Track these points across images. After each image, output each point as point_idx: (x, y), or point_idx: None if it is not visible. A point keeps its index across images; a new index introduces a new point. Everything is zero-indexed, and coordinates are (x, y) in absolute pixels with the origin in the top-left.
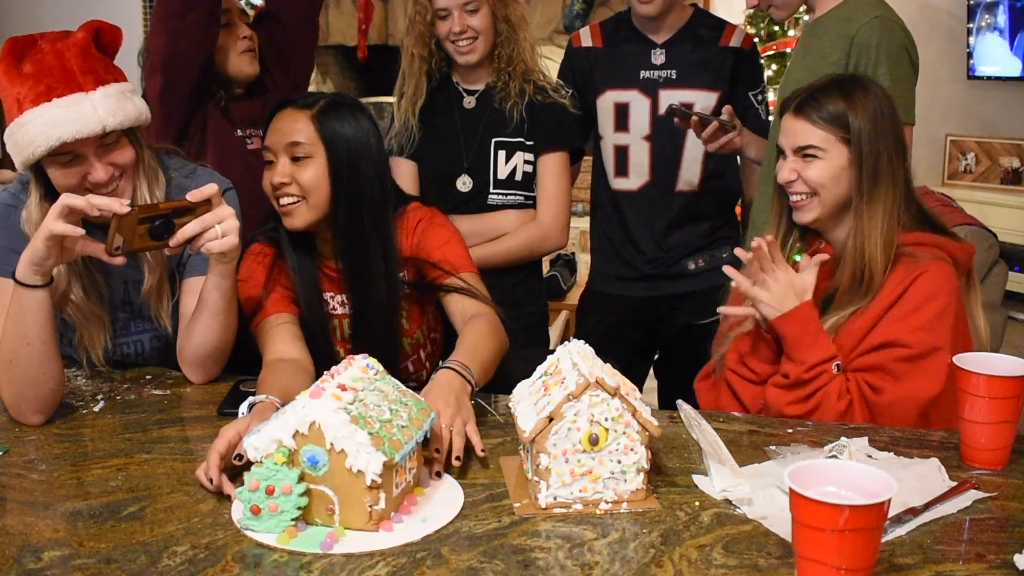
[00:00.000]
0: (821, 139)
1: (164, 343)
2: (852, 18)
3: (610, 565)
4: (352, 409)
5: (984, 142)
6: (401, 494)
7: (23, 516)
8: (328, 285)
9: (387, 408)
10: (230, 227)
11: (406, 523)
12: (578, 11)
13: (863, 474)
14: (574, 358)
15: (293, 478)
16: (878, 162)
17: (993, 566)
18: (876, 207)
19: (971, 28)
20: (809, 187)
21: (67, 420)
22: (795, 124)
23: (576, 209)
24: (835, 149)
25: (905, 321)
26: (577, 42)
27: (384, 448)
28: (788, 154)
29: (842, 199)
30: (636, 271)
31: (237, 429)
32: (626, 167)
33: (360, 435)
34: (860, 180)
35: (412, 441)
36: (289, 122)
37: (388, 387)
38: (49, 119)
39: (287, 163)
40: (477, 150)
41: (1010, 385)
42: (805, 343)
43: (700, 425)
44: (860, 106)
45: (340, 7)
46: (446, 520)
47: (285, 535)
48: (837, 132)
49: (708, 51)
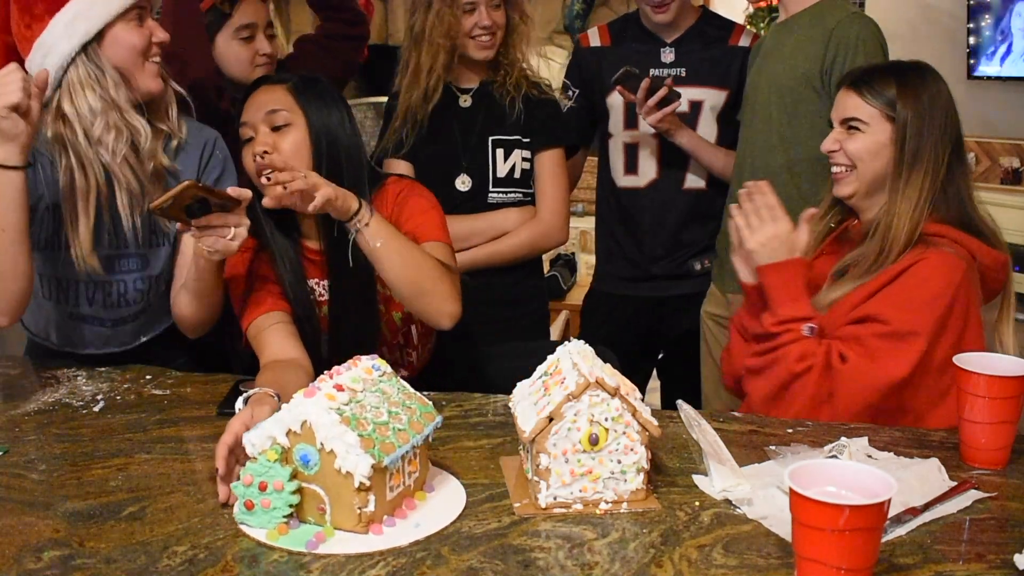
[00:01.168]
0: (867, 114)
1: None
2: (828, 14)
3: (610, 565)
4: (345, 410)
5: (984, 142)
6: (397, 498)
7: (23, 516)
8: (312, 270)
9: (386, 410)
10: (240, 235)
11: (399, 527)
12: (578, 11)
13: (863, 474)
14: (574, 358)
15: (285, 476)
16: (920, 146)
17: (993, 566)
18: (911, 190)
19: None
20: (849, 159)
21: (67, 420)
22: (847, 98)
23: (576, 209)
24: (879, 125)
25: (891, 299)
26: (585, 42)
27: (374, 451)
28: (836, 125)
29: (879, 176)
30: (642, 271)
31: (243, 420)
32: (635, 164)
33: (350, 436)
34: (899, 160)
35: (407, 445)
36: (266, 95)
37: (392, 389)
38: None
39: (267, 132)
40: (475, 149)
41: (1010, 385)
42: (783, 297)
43: (700, 425)
44: (912, 92)
45: None
46: (439, 526)
47: (275, 531)
48: (884, 109)
49: (717, 50)
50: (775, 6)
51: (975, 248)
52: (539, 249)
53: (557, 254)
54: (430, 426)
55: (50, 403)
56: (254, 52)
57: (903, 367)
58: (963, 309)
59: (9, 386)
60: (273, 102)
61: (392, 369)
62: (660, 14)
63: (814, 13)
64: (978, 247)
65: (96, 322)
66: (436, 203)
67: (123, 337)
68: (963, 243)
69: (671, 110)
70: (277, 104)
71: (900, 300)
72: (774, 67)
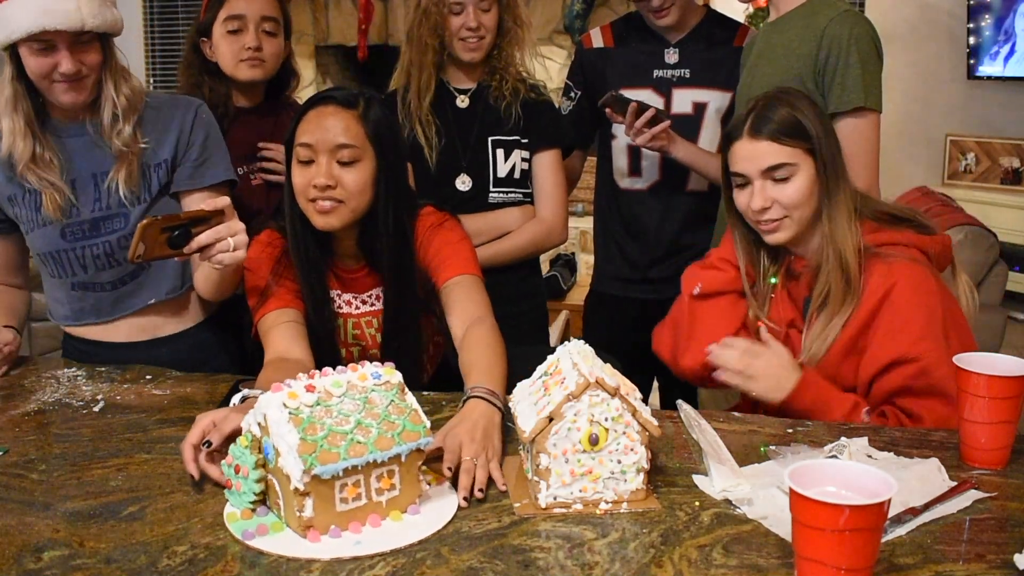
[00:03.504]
0: (789, 155)
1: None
2: (819, 12)
3: (610, 565)
4: (304, 411)
5: (984, 142)
6: (357, 511)
7: (23, 516)
8: (335, 284)
9: (355, 419)
10: (241, 241)
11: (339, 540)
12: (578, 11)
13: (863, 474)
14: (574, 358)
15: (251, 463)
16: (835, 162)
17: (993, 566)
18: (839, 208)
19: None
20: (785, 210)
21: (67, 420)
22: (756, 146)
23: (576, 209)
24: (804, 162)
25: (900, 336)
26: (588, 43)
27: (308, 457)
28: (755, 179)
29: (815, 211)
30: (642, 273)
31: (212, 417)
32: (639, 166)
33: (292, 437)
34: (826, 186)
35: (359, 459)
36: (335, 121)
37: (382, 399)
38: (36, 6)
39: (332, 165)
40: (474, 149)
41: (1010, 385)
42: (825, 407)
43: (700, 425)
44: (808, 113)
45: (340, 7)
46: (377, 549)
47: (238, 514)
48: (800, 144)
49: (722, 51)
50: None
51: (923, 243)
52: (541, 248)
53: (557, 254)
54: (406, 446)
55: (50, 403)
56: (240, 46)
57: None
58: (949, 307)
59: (9, 386)
60: (343, 134)
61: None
62: (661, 19)
63: (805, 12)
64: (925, 241)
65: (97, 287)
66: (466, 235)
67: (130, 300)
68: (913, 244)
69: (660, 129)
70: (348, 138)
71: (908, 334)
72: (766, 69)
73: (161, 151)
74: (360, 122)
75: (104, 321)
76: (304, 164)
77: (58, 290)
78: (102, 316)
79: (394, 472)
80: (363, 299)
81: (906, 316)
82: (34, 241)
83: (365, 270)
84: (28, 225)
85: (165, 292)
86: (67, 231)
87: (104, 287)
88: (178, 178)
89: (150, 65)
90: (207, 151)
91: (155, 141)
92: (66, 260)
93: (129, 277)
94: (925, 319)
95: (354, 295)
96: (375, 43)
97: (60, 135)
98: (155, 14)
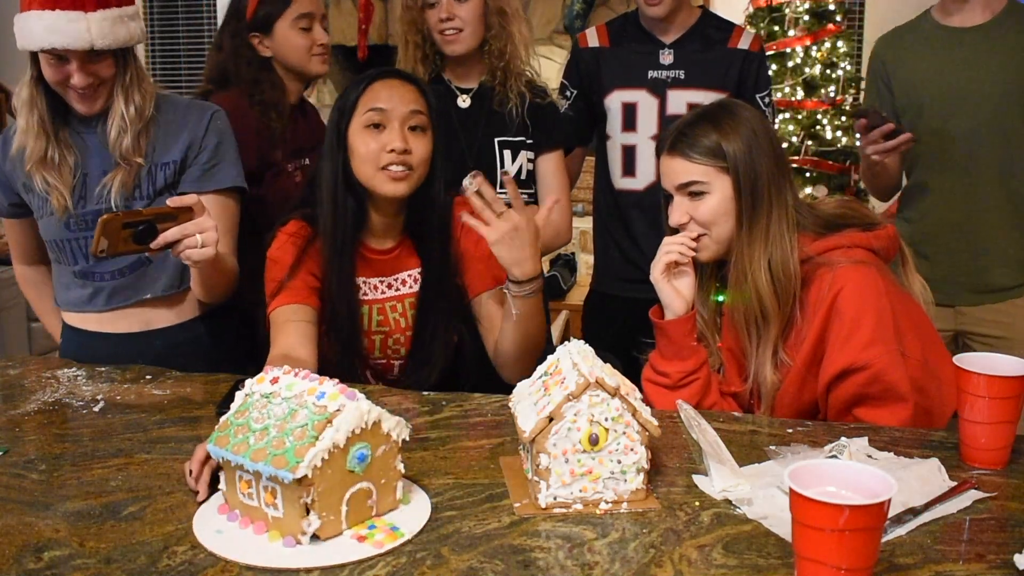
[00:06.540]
0: (701, 173)
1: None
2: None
3: (610, 565)
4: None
5: None
6: (250, 507)
7: (23, 516)
8: (363, 269)
9: (269, 423)
10: (210, 239)
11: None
12: (578, 11)
13: (863, 474)
14: (574, 358)
15: None
16: (757, 184)
17: (993, 566)
18: (758, 233)
19: None
20: (702, 226)
21: (67, 420)
22: (672, 163)
23: (576, 209)
24: (718, 181)
25: (849, 344)
26: (584, 42)
27: (217, 432)
28: (674, 195)
29: (734, 230)
30: (640, 273)
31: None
32: (634, 167)
33: (227, 412)
34: (742, 207)
35: (233, 457)
36: (404, 91)
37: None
38: (49, 24)
39: (405, 131)
40: (480, 150)
41: (1010, 385)
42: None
43: (700, 425)
44: (732, 132)
45: (340, 7)
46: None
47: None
48: (714, 163)
49: (717, 52)
50: (775, 6)
51: (867, 240)
52: (548, 248)
53: (557, 254)
54: (267, 467)
55: (50, 403)
56: (312, 42)
57: (904, 385)
58: (899, 301)
59: (9, 386)
60: (414, 101)
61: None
62: (653, 7)
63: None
64: (869, 239)
65: (97, 277)
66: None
67: (128, 292)
68: (857, 243)
69: (897, 143)
70: (418, 105)
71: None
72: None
73: (171, 151)
74: (424, 96)
75: (102, 310)
76: (374, 129)
77: (64, 276)
78: (100, 305)
79: (276, 492)
80: (389, 282)
81: (853, 322)
82: (42, 228)
83: (396, 251)
84: (38, 212)
85: (162, 289)
86: (71, 221)
87: (104, 277)
88: (186, 179)
89: (150, 65)
90: (218, 156)
91: (166, 141)
92: (68, 249)
93: (128, 270)
94: (873, 322)
95: (381, 279)
96: (375, 43)
97: (80, 131)
98: (155, 14)
